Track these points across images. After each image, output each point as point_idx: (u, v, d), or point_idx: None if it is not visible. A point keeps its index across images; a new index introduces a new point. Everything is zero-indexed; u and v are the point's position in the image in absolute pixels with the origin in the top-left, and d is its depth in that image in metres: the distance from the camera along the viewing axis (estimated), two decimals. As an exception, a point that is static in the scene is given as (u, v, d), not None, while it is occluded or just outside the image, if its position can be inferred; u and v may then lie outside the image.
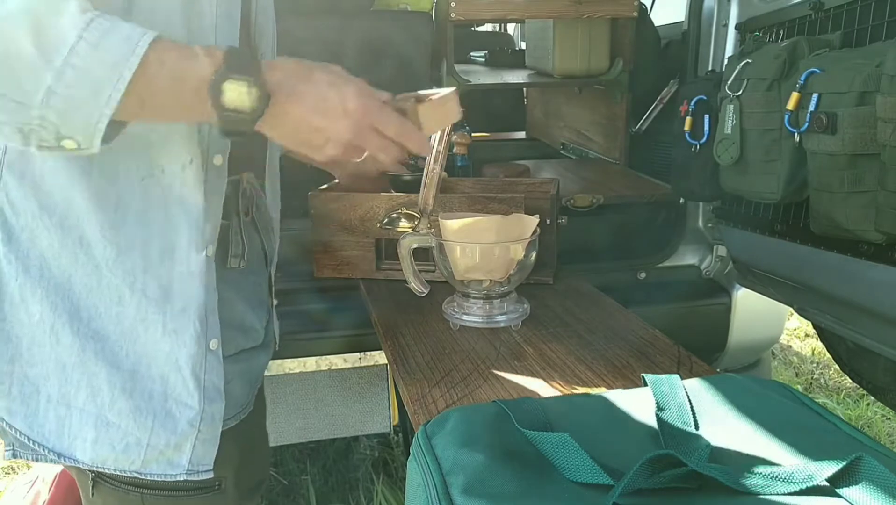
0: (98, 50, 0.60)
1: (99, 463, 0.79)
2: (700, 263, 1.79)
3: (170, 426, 0.80)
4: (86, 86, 0.60)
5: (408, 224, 1.25)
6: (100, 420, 0.78)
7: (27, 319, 0.76)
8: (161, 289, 0.78)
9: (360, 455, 2.18)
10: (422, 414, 0.80)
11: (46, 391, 0.77)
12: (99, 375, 0.77)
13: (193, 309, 0.79)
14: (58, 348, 0.77)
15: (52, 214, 0.75)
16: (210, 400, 0.82)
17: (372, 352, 1.50)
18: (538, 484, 0.58)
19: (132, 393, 0.78)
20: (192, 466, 0.82)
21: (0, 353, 0.77)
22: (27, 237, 0.75)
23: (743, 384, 0.74)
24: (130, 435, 0.78)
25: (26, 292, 0.76)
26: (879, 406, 2.45)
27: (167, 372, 0.79)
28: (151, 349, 0.78)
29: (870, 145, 0.99)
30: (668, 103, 1.91)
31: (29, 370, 0.77)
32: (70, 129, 0.62)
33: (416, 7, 2.20)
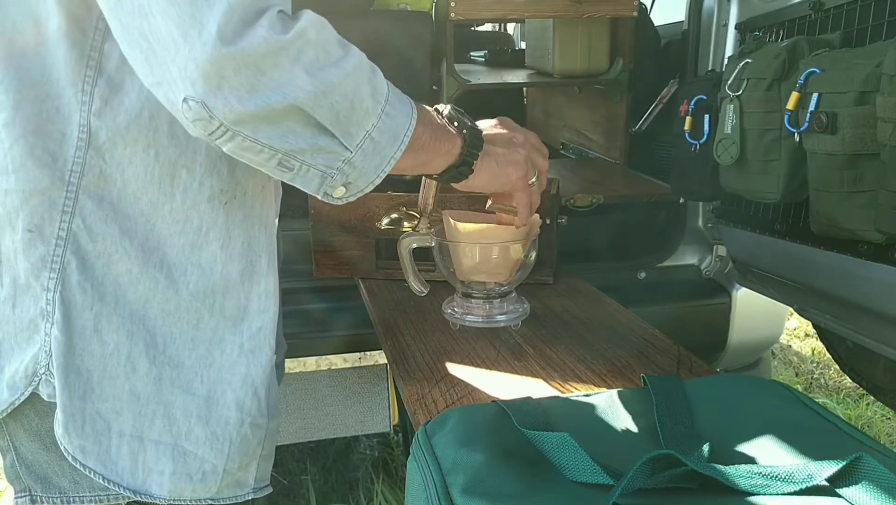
0: (399, 101, 0.68)
1: (176, 496, 0.77)
2: (700, 263, 1.79)
3: (244, 449, 0.79)
4: (390, 131, 0.67)
5: (408, 224, 1.25)
6: (176, 451, 0.76)
7: (100, 350, 0.73)
8: (239, 309, 0.78)
9: (360, 455, 2.18)
10: (422, 414, 0.80)
11: (118, 427, 0.74)
12: (175, 404, 0.75)
13: (270, 328, 0.79)
14: (133, 378, 0.74)
15: (133, 239, 0.72)
16: (272, 416, 0.82)
17: (372, 352, 1.50)
18: (538, 484, 0.58)
19: (208, 420, 0.76)
20: (256, 484, 0.82)
21: (72, 388, 0.72)
22: (103, 263, 0.72)
23: (743, 384, 0.74)
24: (207, 463, 0.77)
25: (101, 322, 0.73)
26: (879, 406, 2.45)
27: (242, 395, 0.78)
28: (227, 373, 0.77)
29: (870, 145, 0.99)
30: (668, 103, 1.91)
31: (101, 405, 0.74)
32: (360, 172, 0.67)
33: (416, 7, 2.20)
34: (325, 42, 0.61)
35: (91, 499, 0.77)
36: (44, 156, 0.69)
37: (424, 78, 1.98)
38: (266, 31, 0.57)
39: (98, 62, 0.68)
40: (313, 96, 0.60)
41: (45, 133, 0.69)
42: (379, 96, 0.65)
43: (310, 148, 0.63)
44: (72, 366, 0.72)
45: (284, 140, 0.62)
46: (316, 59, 0.60)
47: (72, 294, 0.71)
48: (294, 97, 0.59)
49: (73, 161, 0.70)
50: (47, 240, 0.71)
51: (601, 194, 1.71)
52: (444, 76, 1.93)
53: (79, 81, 0.68)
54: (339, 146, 0.64)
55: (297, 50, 0.59)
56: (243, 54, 0.56)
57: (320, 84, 0.60)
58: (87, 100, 0.69)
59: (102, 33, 0.67)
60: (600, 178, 1.95)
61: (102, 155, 0.70)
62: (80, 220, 0.71)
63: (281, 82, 0.58)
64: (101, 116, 0.69)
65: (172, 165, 0.72)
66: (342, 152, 0.65)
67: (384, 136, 0.66)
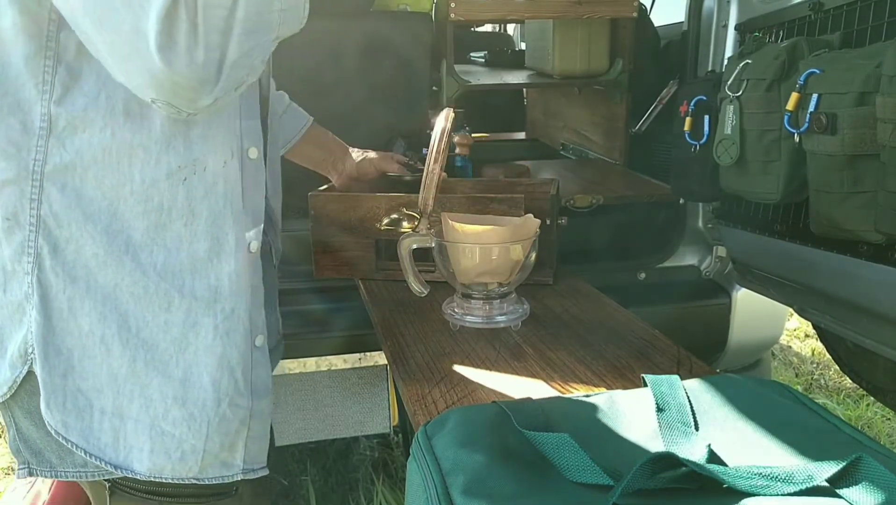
0: None
1: (156, 473, 0.79)
2: (700, 264, 1.79)
3: (223, 429, 0.80)
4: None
5: (408, 224, 1.25)
6: (154, 430, 0.78)
7: (77, 331, 0.76)
8: (210, 290, 0.78)
9: (360, 455, 2.18)
10: (422, 414, 0.80)
11: (100, 404, 0.77)
12: (151, 386, 0.77)
13: (243, 308, 0.81)
14: (109, 360, 0.76)
15: (97, 223, 0.74)
16: (259, 396, 0.84)
17: (372, 352, 1.50)
18: (538, 484, 0.58)
19: (185, 402, 0.78)
20: (246, 466, 0.83)
21: (53, 367, 0.76)
22: (73, 249, 0.75)
23: (743, 385, 0.74)
24: (186, 443, 0.79)
25: (75, 304, 0.75)
26: (879, 407, 2.45)
27: (219, 376, 0.79)
28: (203, 355, 0.78)
29: (869, 146, 0.99)
30: (667, 103, 1.91)
31: (81, 383, 0.77)
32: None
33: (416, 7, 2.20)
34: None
35: (74, 474, 0.80)
36: (9, 148, 0.72)
37: (424, 79, 1.98)
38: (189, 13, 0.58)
39: (56, 52, 0.70)
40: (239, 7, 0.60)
41: (7, 126, 0.72)
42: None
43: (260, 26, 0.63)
44: (52, 345, 0.75)
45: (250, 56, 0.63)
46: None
47: (47, 278, 0.75)
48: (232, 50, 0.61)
49: (36, 150, 0.72)
50: (22, 227, 0.74)
51: (601, 195, 1.71)
52: (444, 77, 1.94)
53: (38, 73, 0.70)
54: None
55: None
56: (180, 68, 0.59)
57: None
58: (47, 89, 0.71)
59: (56, 23, 0.69)
60: (600, 179, 1.95)
61: (63, 142, 0.73)
62: (47, 206, 0.74)
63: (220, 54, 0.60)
64: (62, 104, 0.71)
65: (129, 145, 0.73)
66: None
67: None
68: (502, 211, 1.19)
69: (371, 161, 1.29)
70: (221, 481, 0.82)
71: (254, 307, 0.83)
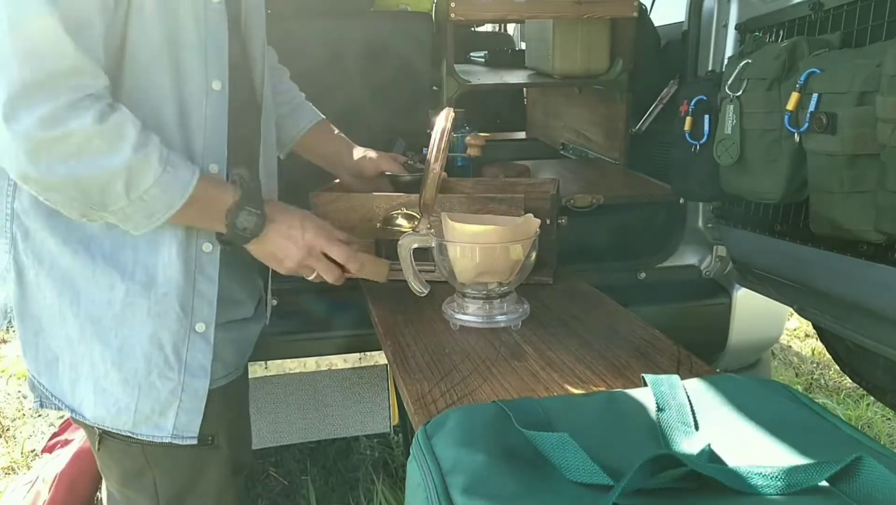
0: (164, 193, 0.84)
1: (98, 422, 0.94)
2: (700, 263, 1.79)
3: (153, 395, 0.93)
4: (144, 212, 0.84)
5: (408, 224, 1.25)
6: (97, 387, 0.93)
7: (42, 301, 0.92)
8: (148, 276, 0.91)
9: (360, 455, 2.18)
10: (422, 414, 0.80)
11: (63, 358, 0.93)
12: (95, 351, 0.92)
13: (175, 294, 0.92)
14: (65, 327, 0.92)
15: (58, 218, 0.88)
16: (192, 375, 0.95)
17: (372, 352, 1.50)
18: (538, 484, 0.58)
19: (121, 367, 0.92)
20: (176, 431, 0.95)
21: (26, 327, 0.94)
22: (39, 237, 0.90)
23: (743, 384, 0.74)
24: (121, 401, 0.93)
25: (41, 280, 0.91)
26: (879, 406, 2.45)
27: (150, 350, 0.92)
28: (138, 330, 0.91)
29: (869, 145, 0.99)
30: (668, 103, 1.91)
31: (50, 342, 0.93)
32: (120, 223, 0.85)
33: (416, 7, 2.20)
34: (92, 143, 0.78)
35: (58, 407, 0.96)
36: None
37: (424, 78, 1.98)
38: (35, 124, 0.74)
39: None
40: (62, 182, 0.79)
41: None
42: (136, 189, 0.81)
43: (65, 204, 0.82)
44: (26, 310, 0.93)
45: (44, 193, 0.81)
46: (75, 154, 0.77)
47: (20, 257, 0.92)
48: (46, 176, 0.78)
49: None
50: (1, 215, 0.91)
51: (601, 194, 1.71)
52: (444, 77, 1.94)
53: None
54: (92, 209, 0.82)
55: (60, 145, 0.76)
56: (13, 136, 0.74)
57: (71, 175, 0.78)
58: None
59: None
60: (600, 179, 1.95)
61: None
62: (19, 201, 0.90)
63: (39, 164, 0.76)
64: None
65: None
66: (97, 211, 0.83)
67: (138, 213, 0.84)
68: (502, 211, 1.19)
69: (370, 160, 1.29)
70: (153, 440, 0.94)
71: (197, 297, 0.94)
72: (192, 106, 0.89)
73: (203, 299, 0.94)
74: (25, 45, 0.74)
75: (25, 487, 1.76)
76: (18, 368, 2.72)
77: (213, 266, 0.95)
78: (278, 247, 0.97)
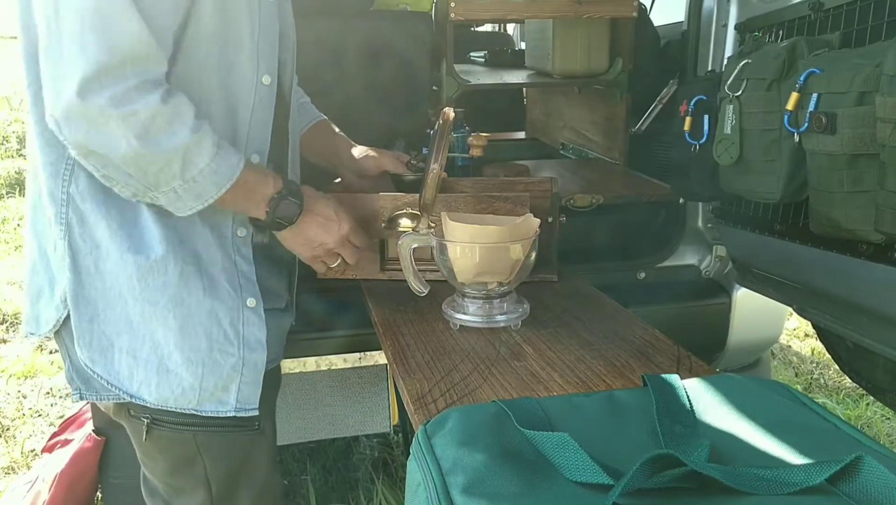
0: (215, 175, 0.88)
1: (162, 403, 0.96)
2: (700, 263, 1.79)
3: (217, 372, 0.96)
4: (194, 193, 0.88)
5: (410, 224, 1.25)
6: (161, 368, 0.95)
7: (100, 285, 0.94)
8: (195, 257, 0.95)
9: (360, 455, 2.18)
10: (422, 414, 0.80)
11: (119, 344, 0.95)
12: (157, 333, 0.94)
13: (222, 273, 0.97)
14: (125, 310, 0.94)
15: (114, 202, 0.92)
16: (251, 349, 0.98)
17: (372, 352, 1.49)
18: (538, 484, 0.58)
19: (182, 347, 0.95)
20: (239, 405, 0.98)
21: (81, 314, 0.94)
22: (93, 220, 0.93)
23: (742, 384, 0.74)
24: (185, 381, 0.95)
25: (99, 263, 0.93)
26: (879, 406, 2.45)
27: (210, 326, 0.96)
28: (195, 309, 0.95)
29: (869, 145, 0.99)
30: (667, 103, 1.91)
31: (105, 328, 0.95)
32: (167, 205, 0.89)
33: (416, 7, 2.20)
34: (155, 123, 0.82)
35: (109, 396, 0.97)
36: (51, 137, 0.87)
37: (424, 78, 1.98)
38: (107, 101, 0.79)
39: None
40: (124, 158, 0.82)
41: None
42: (191, 169, 0.85)
43: (121, 181, 0.86)
44: (81, 297, 0.94)
45: (105, 168, 0.85)
46: (140, 133, 0.81)
47: (76, 242, 0.93)
48: (109, 152, 0.82)
49: None
50: (56, 201, 0.93)
51: (601, 194, 1.71)
52: (443, 76, 1.93)
53: None
54: (146, 188, 0.86)
55: (126, 123, 0.80)
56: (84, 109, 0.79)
57: (133, 152, 0.82)
58: None
59: None
60: (600, 179, 1.95)
61: None
62: (76, 186, 0.92)
63: (105, 138, 0.81)
64: None
65: None
66: (149, 192, 0.87)
67: (188, 193, 0.87)
68: (507, 209, 1.19)
69: (373, 158, 1.30)
70: (218, 415, 0.97)
71: (241, 276, 0.99)
72: (241, 98, 0.95)
73: (246, 278, 1.00)
74: (106, 28, 0.79)
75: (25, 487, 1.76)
76: (18, 368, 2.72)
77: (248, 248, 1.01)
78: (313, 235, 1.03)
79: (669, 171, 1.66)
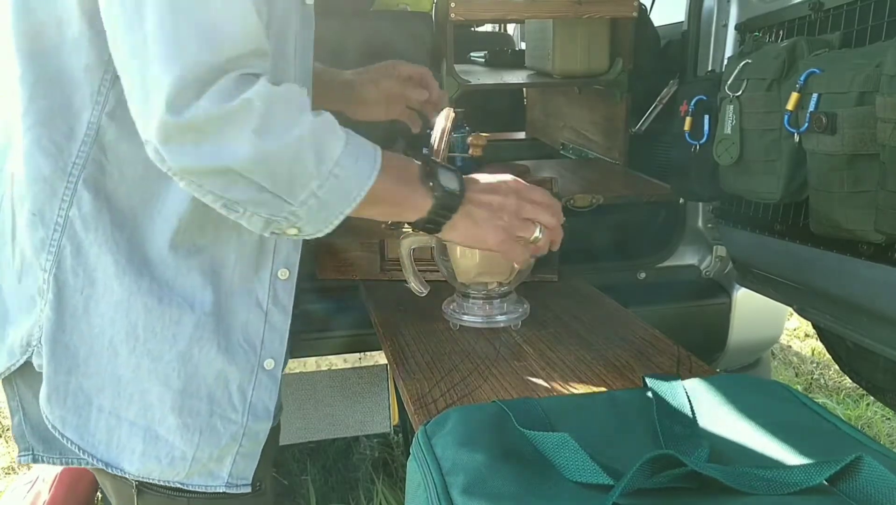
0: (356, 163, 0.71)
1: (145, 474, 0.81)
2: (700, 263, 1.79)
3: (214, 441, 0.82)
4: (340, 192, 0.71)
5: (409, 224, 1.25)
6: (148, 434, 0.80)
7: (87, 330, 0.78)
8: (216, 307, 0.80)
9: (360, 455, 2.18)
10: (422, 414, 0.80)
11: (99, 402, 0.79)
12: (151, 392, 0.79)
13: (243, 326, 0.83)
14: (115, 361, 0.78)
15: (122, 231, 0.77)
16: (256, 417, 0.85)
17: (372, 352, 1.49)
18: (538, 484, 0.58)
19: (181, 411, 0.80)
20: (231, 480, 0.84)
21: (58, 363, 0.78)
22: (96, 252, 0.76)
23: (743, 384, 0.74)
24: (177, 449, 0.80)
25: (90, 305, 0.77)
26: (879, 406, 2.45)
27: (215, 389, 0.81)
28: (203, 368, 0.80)
29: (869, 145, 0.99)
30: (667, 103, 1.91)
31: (84, 381, 0.79)
32: (308, 224, 0.72)
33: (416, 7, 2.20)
34: (272, 111, 0.66)
35: (75, 462, 0.82)
36: (49, 146, 0.75)
37: (424, 78, 1.98)
38: (210, 101, 0.63)
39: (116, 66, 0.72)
40: (249, 162, 0.65)
41: (53, 126, 0.75)
42: (326, 160, 0.69)
43: (251, 200, 0.68)
44: (60, 342, 0.77)
45: (227, 190, 0.68)
46: (258, 127, 0.65)
47: (65, 276, 0.77)
48: (230, 161, 0.65)
49: (77, 154, 0.75)
50: (47, 224, 0.76)
51: (601, 194, 1.71)
52: (444, 77, 1.93)
53: (95, 83, 0.74)
54: (282, 201, 0.69)
55: (240, 118, 0.64)
56: (187, 122, 0.63)
57: (257, 152, 0.65)
58: (101, 100, 0.74)
59: None
60: (600, 179, 1.95)
61: (105, 151, 0.76)
62: (77, 209, 0.76)
63: (220, 146, 0.64)
64: (114, 116, 0.74)
65: None
66: (285, 206, 0.69)
67: (332, 194, 0.71)
68: None
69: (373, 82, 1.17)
70: (206, 490, 0.83)
71: (268, 330, 0.84)
72: None
73: (275, 332, 0.85)
74: (210, 23, 0.63)
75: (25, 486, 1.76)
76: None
77: (289, 296, 0.86)
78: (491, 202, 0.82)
79: (669, 171, 1.66)
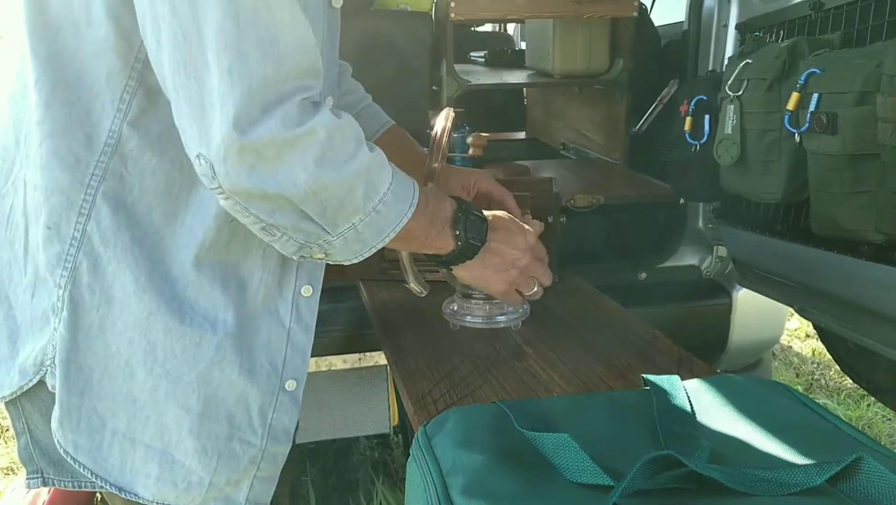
0: (396, 200, 0.72)
1: (160, 500, 0.78)
2: (700, 264, 1.79)
3: (232, 465, 0.80)
4: (376, 227, 0.72)
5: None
6: (164, 457, 0.77)
7: (103, 350, 0.74)
8: (238, 327, 0.78)
9: (360, 456, 2.17)
10: (422, 414, 0.79)
11: (113, 425, 0.76)
12: (168, 415, 0.76)
13: (265, 347, 0.80)
14: (130, 383, 0.75)
15: (142, 247, 0.73)
16: (275, 441, 0.82)
17: (372, 352, 1.49)
18: (538, 484, 0.58)
19: (199, 434, 0.77)
20: (248, 503, 0.82)
21: (71, 385, 0.74)
22: (113, 269, 0.73)
23: (743, 385, 0.74)
24: (194, 474, 0.78)
25: (106, 324, 0.74)
26: (880, 407, 2.45)
27: (235, 411, 0.79)
28: (224, 390, 0.78)
29: (870, 145, 0.99)
30: (668, 103, 1.91)
31: (98, 403, 0.75)
32: (339, 253, 0.73)
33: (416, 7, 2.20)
34: (334, 142, 0.66)
35: (87, 485, 0.79)
36: (67, 156, 0.71)
37: (424, 78, 1.98)
38: (277, 124, 0.62)
39: (141, 73, 0.70)
40: (304, 192, 0.65)
41: (71, 135, 0.71)
42: (373, 196, 0.70)
43: (292, 227, 0.68)
44: (73, 362, 0.74)
45: (271, 216, 0.67)
46: (319, 157, 0.65)
47: (81, 294, 0.73)
48: (286, 189, 0.64)
49: (96, 165, 0.72)
50: (63, 239, 0.72)
51: (601, 194, 1.71)
52: (444, 76, 1.94)
53: (118, 90, 0.70)
54: (322, 231, 0.69)
55: (302, 146, 0.64)
56: (250, 143, 0.61)
57: (315, 182, 0.65)
58: (123, 108, 0.71)
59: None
60: (600, 179, 1.95)
61: (126, 162, 0.72)
62: (95, 223, 0.72)
63: (278, 172, 0.63)
64: (136, 126, 0.71)
65: (193, 182, 0.72)
66: (323, 235, 0.70)
67: (369, 228, 0.71)
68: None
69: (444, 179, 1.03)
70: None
71: (290, 350, 0.82)
72: None
73: (297, 352, 0.83)
74: (269, 35, 0.61)
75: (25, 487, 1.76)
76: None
77: (312, 314, 0.84)
78: (504, 254, 0.85)
79: (670, 171, 1.66)
